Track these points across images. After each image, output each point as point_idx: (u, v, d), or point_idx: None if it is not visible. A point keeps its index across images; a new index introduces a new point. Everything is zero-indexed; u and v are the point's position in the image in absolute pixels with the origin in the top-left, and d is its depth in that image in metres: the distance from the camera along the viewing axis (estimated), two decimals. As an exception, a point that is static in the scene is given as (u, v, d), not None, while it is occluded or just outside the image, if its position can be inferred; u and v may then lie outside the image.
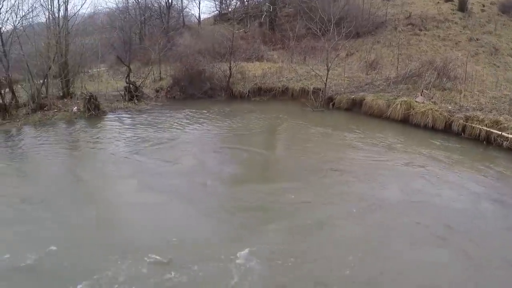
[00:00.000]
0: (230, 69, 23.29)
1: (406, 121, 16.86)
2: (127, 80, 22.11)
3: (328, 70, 20.69)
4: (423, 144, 14.15)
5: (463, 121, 15.17)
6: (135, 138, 14.80)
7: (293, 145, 14.56)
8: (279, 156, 13.50)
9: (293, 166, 12.00)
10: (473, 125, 14.79)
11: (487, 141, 14.16)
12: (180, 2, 45.96)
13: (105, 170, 11.49)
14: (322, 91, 20.57)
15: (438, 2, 34.42)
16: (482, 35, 28.07)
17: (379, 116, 17.74)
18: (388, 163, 12.13)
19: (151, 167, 11.57)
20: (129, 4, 44.17)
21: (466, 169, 11.72)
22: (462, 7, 32.27)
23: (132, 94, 21.52)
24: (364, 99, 18.95)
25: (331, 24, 22.75)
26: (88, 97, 18.79)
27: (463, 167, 11.88)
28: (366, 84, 20.96)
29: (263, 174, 11.68)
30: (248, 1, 43.24)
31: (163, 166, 11.65)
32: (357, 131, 15.97)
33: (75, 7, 24.43)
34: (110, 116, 18.74)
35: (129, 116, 18.80)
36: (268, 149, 14.27)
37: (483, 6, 33.22)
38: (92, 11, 41.06)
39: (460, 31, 29.06)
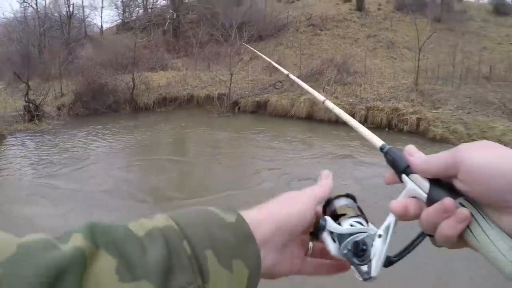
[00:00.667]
0: (133, 81, 22.24)
1: (310, 117, 16.92)
2: (26, 98, 20.42)
3: (231, 75, 20.41)
4: (329, 136, 14.27)
5: (365, 111, 15.53)
6: (40, 162, 13.47)
7: (205, 152, 14.07)
8: (196, 165, 12.96)
9: (216, 174, 11.55)
10: (374, 114, 15.23)
11: (388, 127, 14.71)
12: (81, 12, 44.35)
13: (12, 198, 10.35)
14: (227, 96, 20.26)
15: (337, 3, 35.45)
16: (379, 31, 29.17)
17: (284, 115, 17.67)
18: (307, 157, 12.09)
19: (63, 192, 10.57)
20: (27, 14, 42.05)
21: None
22: (360, 7, 33.46)
23: (33, 113, 19.80)
24: (269, 100, 18.81)
25: (233, 29, 22.58)
26: None
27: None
28: (270, 86, 20.87)
29: (188, 184, 11.06)
30: (151, 9, 42.35)
31: (75, 189, 10.67)
32: (265, 132, 15.79)
33: None
34: (10, 140, 17.11)
35: (31, 138, 17.28)
36: (182, 158, 13.65)
37: (380, 5, 34.67)
38: (-13, 21, 38.54)
39: (359, 29, 30.04)
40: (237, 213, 0.69)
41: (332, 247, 0.73)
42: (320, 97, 1.25)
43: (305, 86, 1.35)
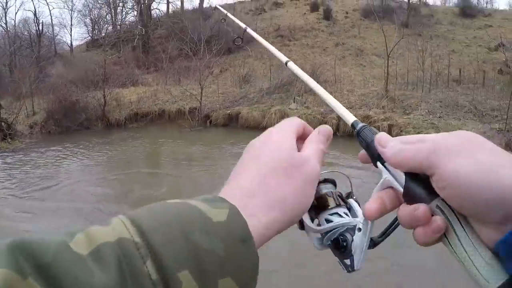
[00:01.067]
0: (104, 97, 22.01)
1: (282, 128, 16.83)
2: (-2, 117, 20.07)
3: (202, 89, 20.27)
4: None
5: (336, 120, 15.45)
6: (14, 181, 13.16)
7: (180, 165, 13.93)
8: (172, 177, 12.81)
9: (193, 185, 11.45)
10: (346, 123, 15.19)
11: (359, 135, 14.74)
12: (51, 30, 43.82)
13: None
14: (198, 110, 20.06)
15: (305, 13, 35.70)
16: (347, 39, 29.40)
17: (256, 127, 17.51)
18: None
19: (39, 209, 10.20)
20: (-3, 34, 41.56)
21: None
22: (327, 16, 33.72)
23: (5, 132, 19.40)
24: (240, 113, 18.76)
25: (201, 43, 22.44)
26: None
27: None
28: (241, 98, 20.78)
29: (167, 196, 10.74)
30: (120, 25, 42.02)
31: (50, 207, 10.32)
32: (236, 144, 15.64)
33: None
34: None
35: (4, 157, 16.89)
36: (158, 171, 13.66)
37: (347, 13, 35.01)
38: (-43, 41, 37.87)
39: (327, 38, 30.25)
40: (230, 205, 0.51)
41: (315, 241, 0.71)
42: (283, 57, 1.20)
43: (269, 46, 1.25)
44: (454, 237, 0.53)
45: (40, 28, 40.11)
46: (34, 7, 40.54)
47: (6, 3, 41.35)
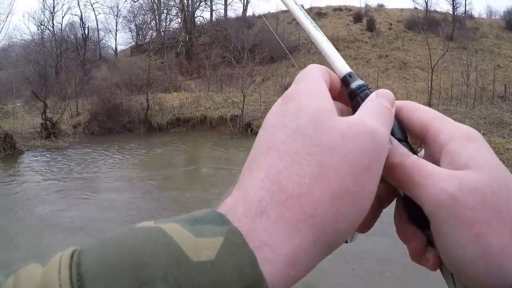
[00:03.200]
0: (147, 101, 22.59)
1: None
2: (43, 116, 20.75)
3: (244, 97, 20.51)
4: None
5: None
6: (56, 178, 13.66)
7: (221, 170, 14.09)
8: (215, 181, 12.96)
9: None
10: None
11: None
12: (96, 34, 45.19)
13: (27, 213, 10.38)
14: (240, 118, 20.32)
15: (348, 24, 35.69)
16: (390, 52, 29.24)
17: (298, 137, 17.65)
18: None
19: (78, 207, 10.58)
20: (44, 37, 42.96)
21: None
22: (371, 27, 33.59)
23: (49, 131, 20.15)
24: (281, 122, 18.82)
25: (245, 52, 22.76)
26: (3, 136, 17.30)
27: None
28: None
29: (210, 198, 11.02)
30: (164, 32, 42.86)
31: (99, 208, 10.68)
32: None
33: None
34: (27, 155, 17.37)
35: (47, 155, 17.50)
36: (200, 174, 13.78)
37: (390, 24, 34.78)
38: (7, 43, 39.43)
39: (370, 50, 30.16)
40: (228, 229, 0.32)
41: None
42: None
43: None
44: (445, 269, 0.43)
45: (86, 32, 41.59)
46: (81, 12, 41.75)
47: (54, 7, 42.99)
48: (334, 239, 0.36)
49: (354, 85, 0.46)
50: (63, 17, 63.33)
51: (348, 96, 0.46)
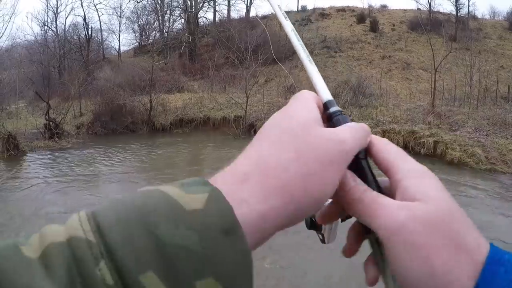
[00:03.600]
0: (150, 102, 22.66)
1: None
2: (47, 117, 20.81)
3: (247, 98, 20.55)
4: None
5: (381, 135, 15.46)
6: (59, 179, 13.68)
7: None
8: None
9: None
10: (391, 137, 15.19)
11: (405, 151, 14.64)
12: (99, 35, 45.34)
13: (30, 212, 10.42)
14: (243, 119, 20.35)
15: (351, 25, 35.74)
16: (394, 52, 29.28)
17: (301, 137, 17.68)
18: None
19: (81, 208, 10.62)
20: (48, 37, 43.12)
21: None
22: (374, 28, 33.64)
23: (53, 131, 20.21)
24: (285, 123, 18.86)
25: (248, 52, 22.79)
26: (6, 137, 17.31)
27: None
28: (278, 105, 20.96)
29: None
30: (167, 32, 42.98)
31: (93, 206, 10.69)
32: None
33: None
34: (31, 156, 17.41)
35: (51, 155, 17.54)
36: (203, 174, 13.73)
37: (393, 25, 34.84)
38: (10, 44, 39.61)
39: (373, 50, 30.19)
40: (211, 188, 0.42)
41: None
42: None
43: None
44: (387, 275, 0.50)
45: (89, 33, 41.65)
46: (84, 13, 41.78)
47: (57, 8, 43.24)
48: (300, 208, 0.46)
49: (332, 109, 0.57)
50: (66, 18, 63.40)
51: (327, 117, 0.57)
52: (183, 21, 41.47)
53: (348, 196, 0.51)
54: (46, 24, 43.14)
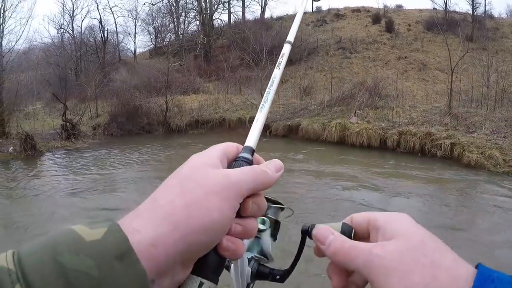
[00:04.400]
0: (166, 103, 22.82)
1: (342, 142, 16.84)
2: (64, 118, 21.08)
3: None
4: (372, 161, 14.11)
5: (397, 136, 15.44)
6: (76, 179, 13.78)
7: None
8: None
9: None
10: (407, 139, 15.15)
11: (421, 153, 14.61)
12: (115, 37, 45.80)
13: (47, 212, 10.57)
14: (259, 120, 20.34)
15: (366, 25, 35.60)
16: (410, 53, 29.12)
17: (316, 139, 17.63)
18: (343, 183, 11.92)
19: (98, 210, 10.73)
20: (64, 40, 43.69)
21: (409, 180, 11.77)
22: (390, 28, 33.47)
23: (69, 132, 20.47)
24: (300, 125, 18.86)
25: (263, 54, 22.84)
26: (24, 137, 17.58)
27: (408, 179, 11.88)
28: (301, 110, 20.94)
29: None
30: (183, 34, 43.22)
31: (110, 207, 10.81)
32: (296, 155, 15.77)
33: (10, 43, 23.76)
34: (48, 156, 17.66)
35: (67, 155, 17.78)
36: None
37: (409, 25, 34.63)
38: (27, 46, 40.13)
39: (389, 51, 30.04)
40: (111, 224, 0.50)
41: None
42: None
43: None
44: None
45: (105, 35, 42.05)
46: (100, 16, 42.48)
47: (73, 11, 43.75)
48: (188, 234, 0.51)
49: (240, 154, 0.66)
50: (82, 21, 64.36)
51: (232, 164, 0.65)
52: (198, 23, 41.79)
53: (331, 248, 0.60)
54: (63, 27, 43.93)
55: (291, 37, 0.86)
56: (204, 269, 0.57)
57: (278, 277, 0.72)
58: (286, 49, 0.82)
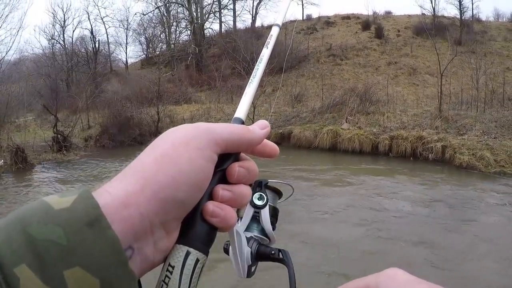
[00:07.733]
0: (158, 114, 22.78)
1: (334, 148, 16.91)
2: (55, 130, 20.90)
3: (254, 107, 20.59)
4: (363, 167, 14.18)
5: (389, 141, 15.50)
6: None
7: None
8: None
9: None
10: (398, 143, 15.22)
11: (413, 157, 14.67)
12: (107, 47, 45.77)
13: None
14: (251, 128, 20.33)
15: (356, 32, 35.89)
16: (400, 58, 29.36)
17: (308, 147, 17.70)
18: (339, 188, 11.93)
19: None
20: (55, 50, 43.60)
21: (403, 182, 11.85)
22: (379, 34, 33.74)
23: (61, 144, 20.24)
24: (292, 132, 18.92)
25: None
26: (15, 150, 17.33)
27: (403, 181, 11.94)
28: (293, 117, 21.00)
29: None
30: (174, 44, 43.29)
31: None
32: (288, 162, 15.77)
33: (0, 54, 23.67)
34: (39, 169, 17.47)
35: (58, 168, 17.60)
36: None
37: (399, 31, 34.94)
38: (18, 57, 40.00)
39: (379, 57, 30.30)
40: (81, 191, 0.47)
41: None
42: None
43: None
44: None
45: (97, 45, 42.11)
46: (91, 26, 42.20)
47: (64, 21, 43.76)
48: (158, 190, 0.49)
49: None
50: (73, 31, 63.90)
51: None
52: (189, 33, 41.83)
53: None
54: (54, 37, 43.86)
55: (279, 20, 0.86)
56: (190, 237, 0.53)
57: (281, 255, 0.67)
58: (274, 31, 0.80)
